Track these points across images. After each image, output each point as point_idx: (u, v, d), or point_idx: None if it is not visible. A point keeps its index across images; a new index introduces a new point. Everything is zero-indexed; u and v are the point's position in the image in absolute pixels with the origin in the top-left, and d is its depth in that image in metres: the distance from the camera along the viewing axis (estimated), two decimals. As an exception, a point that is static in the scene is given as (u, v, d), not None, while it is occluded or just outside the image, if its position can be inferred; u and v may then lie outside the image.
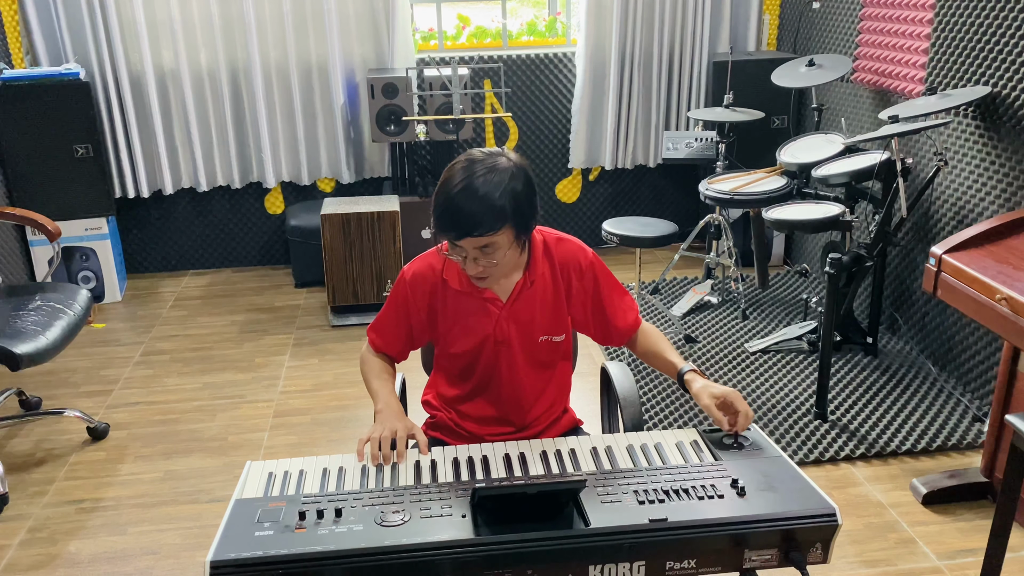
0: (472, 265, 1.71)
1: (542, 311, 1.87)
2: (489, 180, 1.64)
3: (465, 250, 1.68)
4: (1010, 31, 2.95)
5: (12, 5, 4.23)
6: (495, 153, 1.70)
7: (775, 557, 1.43)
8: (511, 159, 1.70)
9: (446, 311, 1.86)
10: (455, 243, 1.68)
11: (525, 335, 1.87)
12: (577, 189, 5.10)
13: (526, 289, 1.84)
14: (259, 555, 1.32)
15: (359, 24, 4.53)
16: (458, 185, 1.65)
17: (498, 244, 1.67)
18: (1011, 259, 2.37)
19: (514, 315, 1.85)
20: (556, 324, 1.89)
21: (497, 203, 1.63)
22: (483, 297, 1.84)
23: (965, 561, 2.44)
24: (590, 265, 1.90)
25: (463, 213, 1.63)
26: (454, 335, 1.87)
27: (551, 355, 1.92)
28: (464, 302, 1.85)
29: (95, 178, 4.26)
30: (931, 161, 3.41)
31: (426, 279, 1.86)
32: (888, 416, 3.18)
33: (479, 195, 1.63)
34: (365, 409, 3.35)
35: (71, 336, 2.96)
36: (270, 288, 4.67)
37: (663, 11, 4.61)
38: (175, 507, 2.77)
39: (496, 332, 1.85)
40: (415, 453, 1.67)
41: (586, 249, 1.92)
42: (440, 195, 1.67)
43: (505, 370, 1.88)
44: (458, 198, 1.64)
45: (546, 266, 1.87)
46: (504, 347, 1.86)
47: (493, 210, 1.63)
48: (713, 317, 4.10)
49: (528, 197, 1.70)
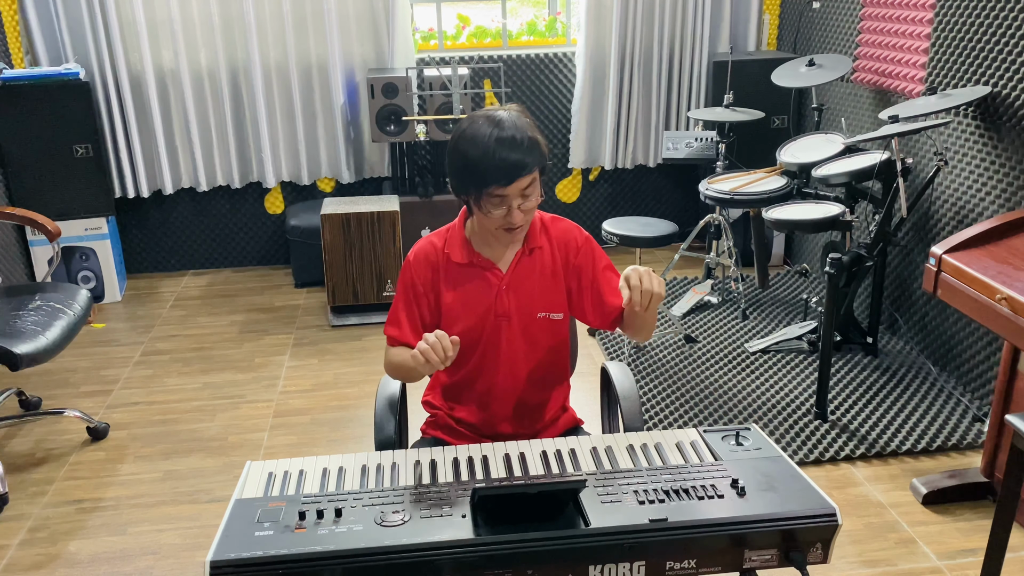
0: (517, 213, 1.77)
1: (541, 284, 1.91)
2: (513, 122, 1.74)
3: (510, 197, 1.74)
4: (1010, 31, 2.95)
5: (12, 5, 4.23)
6: (493, 108, 1.80)
7: (775, 557, 1.43)
8: (509, 108, 1.80)
9: (449, 285, 1.91)
10: (502, 193, 1.73)
11: (524, 309, 1.90)
12: (577, 189, 5.10)
13: (525, 258, 1.90)
14: (259, 555, 1.32)
15: (359, 24, 4.53)
16: (492, 135, 1.72)
17: (536, 182, 1.77)
18: (1011, 259, 2.37)
19: (514, 285, 1.89)
20: (554, 300, 1.92)
21: (530, 140, 1.74)
22: (483, 267, 1.89)
23: (965, 561, 2.44)
24: (586, 241, 1.96)
25: (510, 157, 1.71)
26: (456, 310, 1.90)
27: (550, 336, 1.94)
28: (466, 274, 1.90)
29: (95, 178, 4.26)
30: (931, 161, 3.41)
31: (428, 257, 1.92)
32: (888, 416, 3.18)
33: (516, 138, 1.72)
34: (365, 409, 3.35)
35: (71, 336, 2.96)
36: (270, 288, 4.67)
37: (663, 11, 4.61)
38: (175, 507, 2.77)
39: (496, 304, 1.89)
40: (415, 453, 1.67)
41: (581, 229, 1.99)
42: (473, 153, 1.73)
43: (505, 348, 1.91)
44: (500, 145, 1.71)
45: (544, 240, 1.92)
46: (504, 322, 1.89)
47: (532, 147, 1.73)
48: (713, 317, 4.10)
49: (540, 134, 1.80)
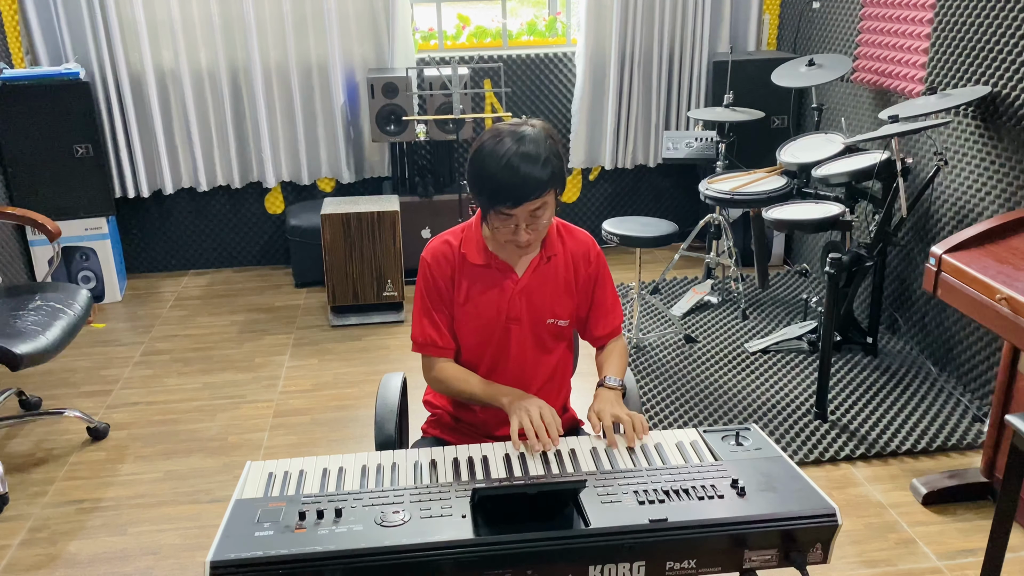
0: (524, 232, 1.76)
1: (554, 291, 1.92)
2: (533, 145, 1.72)
3: (518, 217, 1.74)
4: (1010, 31, 2.95)
5: (12, 5, 4.22)
6: (521, 122, 1.78)
7: (775, 557, 1.43)
8: (534, 124, 1.78)
9: (464, 285, 1.90)
10: (510, 212, 1.73)
11: (535, 314, 1.91)
12: (577, 189, 5.10)
13: (542, 264, 1.90)
14: (259, 555, 1.32)
15: (359, 24, 4.53)
16: (507, 155, 1.70)
17: (548, 204, 1.76)
18: (1011, 259, 2.37)
19: (528, 291, 1.89)
20: (563, 308, 1.93)
21: (545, 165, 1.72)
22: (500, 270, 1.89)
23: (965, 561, 2.44)
24: (597, 257, 1.97)
25: (519, 180, 1.69)
26: (469, 310, 1.90)
27: (556, 340, 1.96)
28: (481, 275, 1.90)
29: (95, 178, 4.26)
30: (931, 161, 3.41)
31: (445, 255, 1.91)
32: (888, 416, 3.18)
33: (530, 161, 1.70)
34: (365, 409, 3.35)
35: (71, 336, 2.96)
36: (270, 288, 4.67)
37: (663, 11, 4.61)
38: (175, 507, 2.77)
39: (509, 308, 1.89)
40: (415, 453, 1.67)
41: (595, 242, 2.00)
42: (487, 168, 1.72)
43: (515, 352, 1.91)
44: (511, 167, 1.70)
45: (560, 248, 1.93)
46: (515, 325, 1.90)
47: (544, 172, 1.71)
48: (713, 317, 4.10)
49: (562, 156, 1.79)
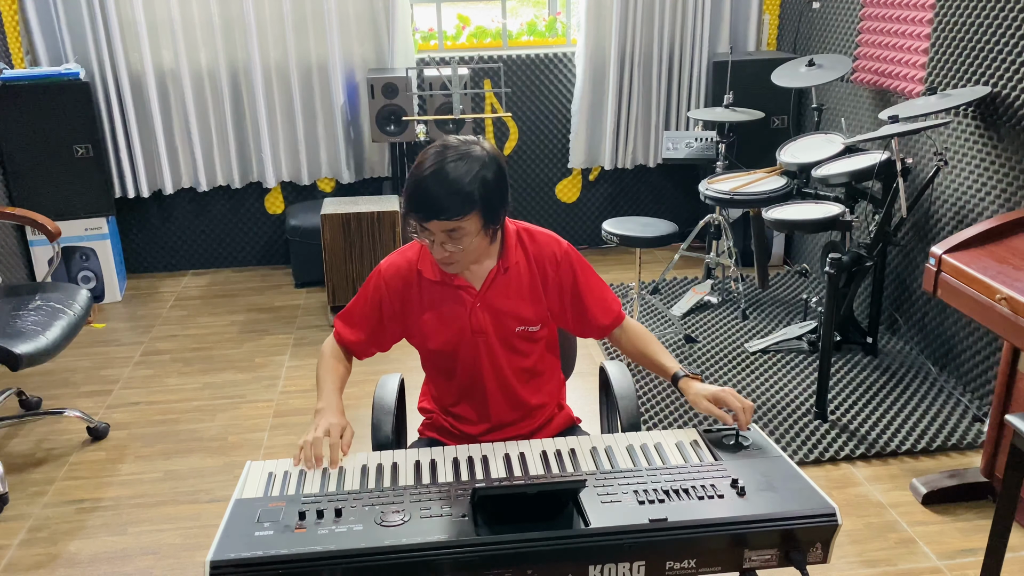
0: (438, 249, 1.73)
1: (518, 300, 1.87)
2: (460, 166, 1.67)
3: (432, 233, 1.70)
4: (1010, 31, 2.95)
5: (12, 5, 4.22)
6: (470, 141, 1.73)
7: (775, 557, 1.43)
8: (485, 148, 1.73)
9: (421, 302, 1.87)
10: (423, 225, 1.70)
11: (501, 325, 1.87)
12: (577, 189, 5.10)
13: (500, 276, 1.86)
14: (259, 555, 1.33)
15: (359, 24, 4.53)
16: (429, 168, 1.68)
17: (465, 230, 1.69)
18: (1011, 259, 2.37)
19: (488, 303, 1.85)
20: (532, 315, 1.88)
21: (466, 189, 1.66)
22: (456, 285, 1.85)
23: (965, 561, 2.44)
24: (565, 255, 1.91)
25: (431, 196, 1.66)
26: (430, 327, 1.87)
27: (530, 346, 1.92)
28: (438, 292, 1.86)
29: (95, 178, 4.26)
30: (931, 161, 3.41)
31: (400, 272, 1.88)
32: (888, 416, 3.18)
33: (449, 179, 1.65)
34: (365, 409, 3.33)
35: (71, 336, 2.96)
36: (270, 288, 4.67)
37: (663, 11, 4.61)
38: (175, 507, 2.77)
39: (472, 322, 1.85)
40: (415, 453, 1.67)
41: (560, 240, 1.93)
42: (412, 177, 1.70)
43: (487, 365, 1.88)
44: (428, 181, 1.67)
45: (521, 255, 1.88)
46: (482, 338, 1.86)
47: (461, 195, 1.66)
48: (713, 317, 4.10)
49: (498, 186, 1.72)
